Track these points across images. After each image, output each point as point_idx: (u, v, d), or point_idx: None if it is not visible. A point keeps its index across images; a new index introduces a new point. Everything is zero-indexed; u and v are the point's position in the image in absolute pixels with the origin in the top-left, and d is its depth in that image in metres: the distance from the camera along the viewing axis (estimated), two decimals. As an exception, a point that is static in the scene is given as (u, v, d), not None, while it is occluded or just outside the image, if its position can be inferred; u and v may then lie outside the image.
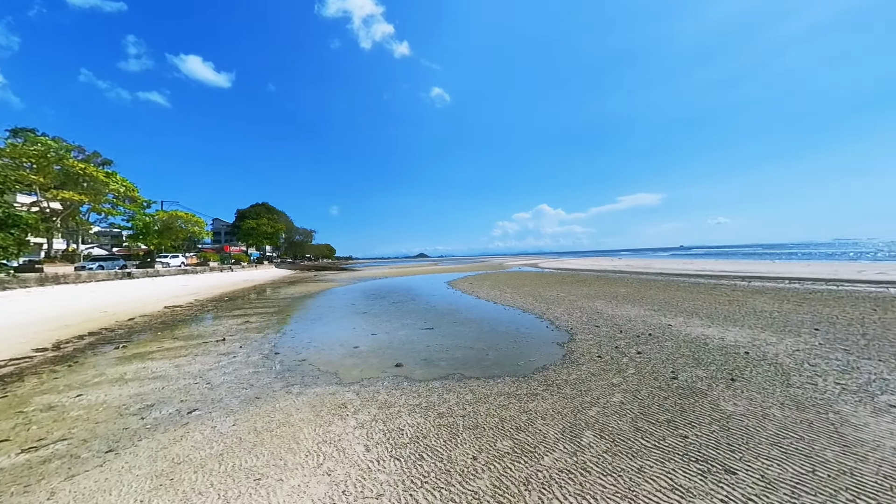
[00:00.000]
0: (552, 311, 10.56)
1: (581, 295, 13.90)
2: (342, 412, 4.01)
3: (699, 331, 7.23)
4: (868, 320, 7.58)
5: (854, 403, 3.69)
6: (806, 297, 11.12)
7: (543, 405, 3.99)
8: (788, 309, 9.23)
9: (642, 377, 4.76)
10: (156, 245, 31.31)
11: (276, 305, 14.33)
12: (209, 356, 6.69)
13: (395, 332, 8.50)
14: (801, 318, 8.01)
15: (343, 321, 10.19)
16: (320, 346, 7.29)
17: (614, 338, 6.99)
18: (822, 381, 4.31)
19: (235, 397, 4.59)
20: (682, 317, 8.74)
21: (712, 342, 6.34)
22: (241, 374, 5.53)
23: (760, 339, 6.37)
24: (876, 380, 4.30)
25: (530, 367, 5.51)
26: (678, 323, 8.03)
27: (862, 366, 4.80)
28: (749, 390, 4.14)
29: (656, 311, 9.59)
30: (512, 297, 14.01)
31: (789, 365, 4.95)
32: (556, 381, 4.74)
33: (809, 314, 8.47)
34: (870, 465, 2.67)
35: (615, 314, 9.51)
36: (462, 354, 6.37)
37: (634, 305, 10.82)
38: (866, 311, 8.65)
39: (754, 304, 10.12)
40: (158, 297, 16.67)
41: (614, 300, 12.12)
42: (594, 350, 6.20)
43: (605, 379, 4.75)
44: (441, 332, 8.36)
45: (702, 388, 4.26)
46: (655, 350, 6.00)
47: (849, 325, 7.28)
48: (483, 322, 9.39)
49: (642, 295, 13.20)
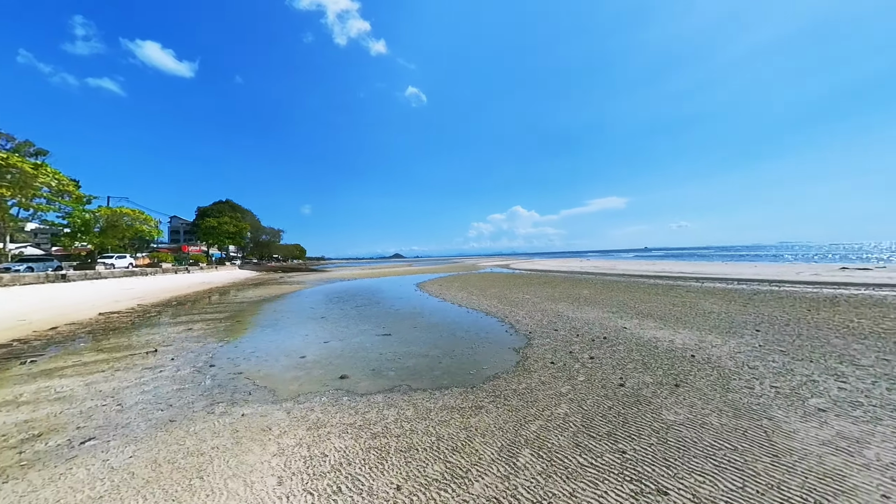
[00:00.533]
0: (515, 313, 10.50)
1: (545, 297, 14.01)
2: (265, 436, 3.60)
3: (651, 333, 7.35)
4: (803, 320, 8.04)
5: (786, 408, 3.74)
6: (751, 298, 11.75)
7: (486, 420, 3.77)
8: (735, 310, 9.67)
9: (591, 385, 4.67)
10: (97, 244, 28.62)
11: (228, 310, 13.38)
12: (131, 371, 5.98)
13: (350, 339, 8.06)
14: (744, 319, 8.37)
15: (297, 327, 9.59)
16: (263, 357, 6.74)
17: (570, 342, 6.95)
18: (759, 385, 4.39)
19: (145, 421, 4.04)
20: (638, 319, 8.91)
21: (662, 345, 6.43)
22: (161, 392, 4.93)
23: (707, 342, 6.54)
24: (807, 382, 4.44)
25: (482, 375, 5.30)
26: (633, 325, 8.16)
27: (795, 368, 4.97)
28: (691, 396, 4.14)
29: (614, 314, 9.75)
30: (478, 300, 13.89)
31: (730, 368, 5.05)
32: (504, 392, 4.55)
33: (752, 315, 8.89)
34: (796, 476, 2.63)
35: (575, 317, 9.57)
36: (414, 363, 6.07)
37: (595, 307, 10.98)
38: (802, 311, 9.21)
39: (704, 306, 10.55)
40: (95, 303, 15.13)
41: (576, 302, 12.27)
42: (549, 356, 6.10)
43: (553, 388, 4.61)
44: (398, 338, 8.02)
45: (647, 396, 4.21)
46: (608, 355, 5.99)
47: (786, 325, 7.67)
48: (444, 326, 9.14)
49: (604, 296, 13.49)
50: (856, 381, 4.39)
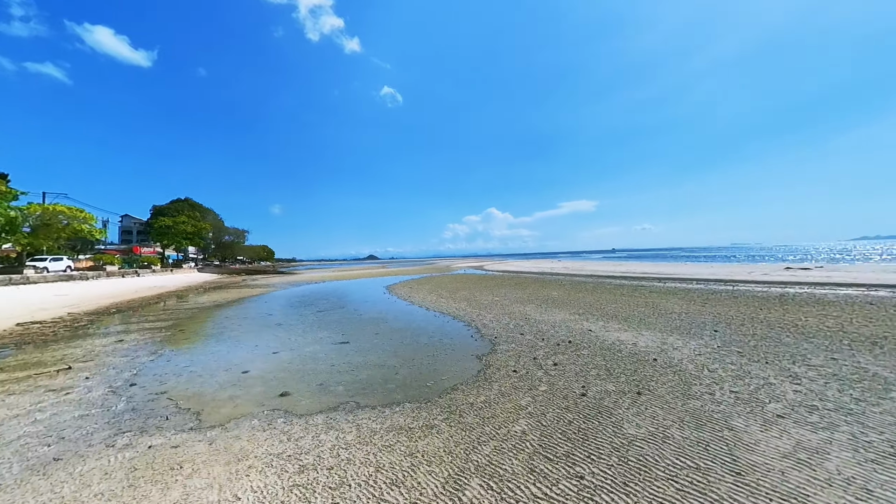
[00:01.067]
0: (483, 317, 10.21)
1: (515, 299, 13.87)
2: (170, 476, 3.00)
3: (616, 336, 7.27)
4: (756, 319, 8.29)
5: (746, 416, 3.62)
6: (708, 298, 12.16)
7: (436, 443, 3.37)
8: (694, 310, 9.89)
9: (552, 395, 4.39)
10: (24, 245, 25.60)
11: (173, 318, 12.19)
12: (31, 393, 5.08)
13: (303, 348, 7.42)
14: (703, 320, 8.52)
15: (247, 337, 8.78)
16: (198, 373, 5.99)
17: (535, 347, 6.71)
18: (719, 391, 4.28)
19: (21, 461, 3.30)
20: (603, 321, 8.87)
21: (626, 348, 6.32)
22: (56, 422, 4.14)
23: (668, 344, 6.50)
24: (764, 385, 4.39)
25: (440, 387, 4.90)
26: (598, 328, 8.08)
27: (752, 370, 4.95)
28: (653, 406, 3.94)
29: (580, 316, 9.69)
30: (447, 303, 13.52)
31: (691, 372, 4.96)
32: (460, 406, 4.17)
33: (710, 315, 9.10)
34: (761, 499, 2.42)
35: (542, 319, 9.41)
36: (368, 375, 5.57)
37: (562, 309, 10.91)
38: (754, 309, 9.56)
39: (666, 306, 10.75)
40: (13, 312, 13.34)
41: (544, 304, 12.19)
42: (512, 363, 5.80)
43: (513, 400, 4.29)
44: (357, 346, 7.48)
45: (609, 407, 3.98)
46: (572, 360, 5.78)
47: (741, 324, 7.86)
48: (407, 332, 8.67)
49: (571, 298, 13.53)
50: (809, 383, 4.39)
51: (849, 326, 7.28)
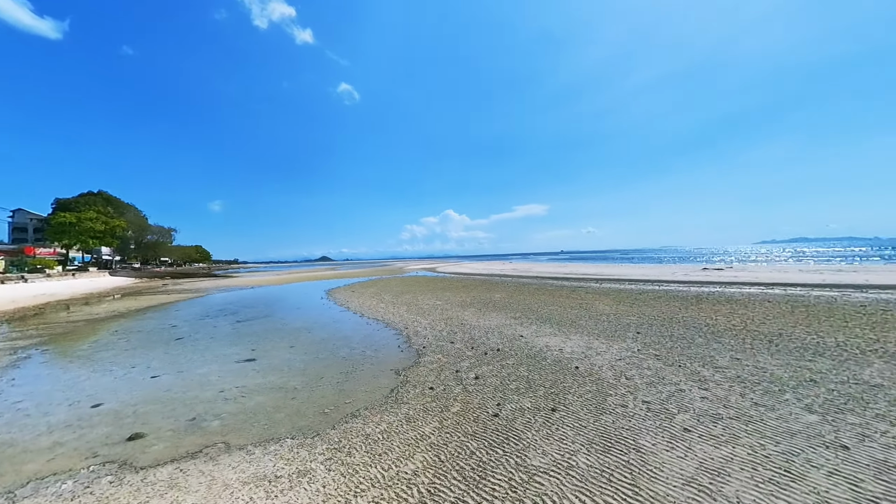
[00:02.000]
0: (418, 323, 9.63)
1: (457, 303, 13.50)
2: None
3: (545, 341, 7.09)
4: (674, 319, 8.67)
5: (654, 431, 3.41)
6: (637, 298, 12.76)
7: (300, 498, 2.68)
8: (623, 311, 10.20)
9: (463, 417, 3.91)
10: None
11: (49, 332, 10.00)
12: None
13: (195, 369, 6.26)
14: (628, 321, 8.74)
15: (127, 357, 7.30)
16: (26, 410, 4.65)
17: (462, 357, 6.26)
18: (632, 401, 4.11)
19: None
20: (536, 325, 8.74)
21: (551, 355, 6.10)
22: None
23: (593, 348, 6.42)
24: (675, 393, 4.31)
25: (339, 414, 4.20)
26: (530, 333, 7.88)
27: (666, 375, 4.92)
28: (565, 425, 3.62)
29: (516, 320, 9.51)
30: (385, 308, 12.75)
31: (609, 381, 4.79)
32: (352, 441, 3.51)
33: (636, 316, 9.40)
34: (658, 546, 2.09)
35: (477, 324, 9.07)
36: (259, 402, 4.69)
37: (500, 313, 10.71)
38: (674, 309, 10.09)
39: (598, 307, 11.02)
40: None
41: (485, 307, 11.95)
42: (431, 378, 5.27)
43: (417, 427, 3.73)
44: (262, 364, 6.48)
45: (518, 429, 3.58)
46: (495, 372, 5.40)
47: (662, 325, 8.14)
48: (329, 344, 7.81)
49: (513, 300, 13.48)
50: (715, 388, 4.40)
51: (751, 325, 7.82)
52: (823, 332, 6.89)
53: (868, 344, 6.08)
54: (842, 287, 14.03)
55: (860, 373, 4.73)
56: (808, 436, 3.21)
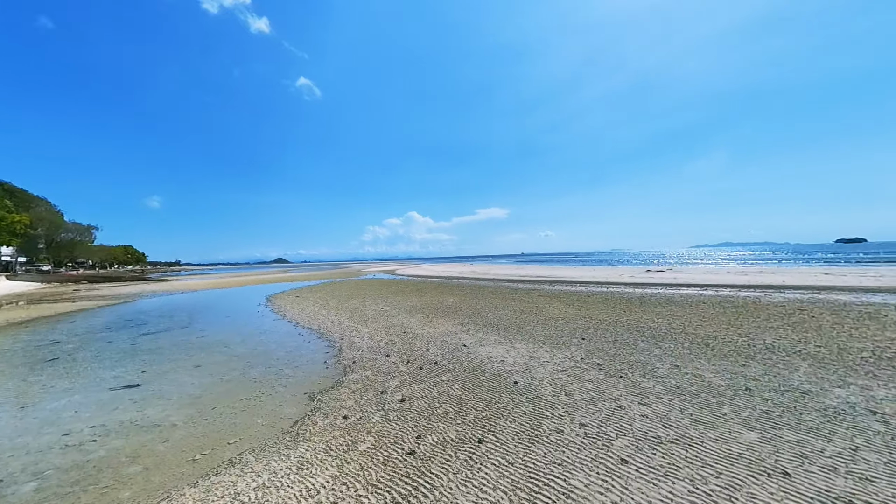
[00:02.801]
0: (357, 332, 8.74)
1: (406, 308, 12.73)
2: None
3: (488, 351, 6.58)
4: (619, 323, 8.61)
5: (589, 466, 2.93)
6: (586, 301, 12.84)
7: None
8: (570, 315, 10.06)
9: (370, 458, 3.19)
10: None
11: None
12: None
13: (47, 403, 4.92)
14: (576, 326, 8.54)
15: (-38, 387, 5.67)
16: None
17: (393, 374, 5.53)
18: (569, 425, 3.64)
19: None
20: (483, 332, 8.24)
21: (492, 368, 5.58)
22: None
23: (536, 358, 6.00)
24: (615, 411, 3.92)
25: (212, 462, 3.28)
26: (474, 342, 7.34)
27: (607, 389, 4.56)
28: (489, 463, 3.03)
29: (463, 327, 8.96)
30: (326, 315, 11.65)
31: (547, 399, 4.32)
32: (212, 505, 2.64)
33: (583, 319, 9.26)
34: None
35: (422, 333, 8.38)
36: (111, 450, 3.61)
37: (449, 319, 10.12)
38: (620, 312, 10.15)
39: (548, 311, 10.83)
40: None
41: (434, 313, 11.31)
42: (349, 403, 4.48)
43: (308, 478, 2.94)
44: (148, 390, 5.28)
45: (435, 472, 2.93)
46: (425, 391, 4.74)
47: (607, 329, 8.01)
48: (244, 361, 6.70)
49: (464, 305, 12.99)
50: (656, 402, 4.08)
51: (689, 327, 7.92)
52: (752, 334, 7.07)
53: (792, 345, 6.26)
54: (763, 287, 15.25)
55: (789, 377, 4.70)
56: (749, 461, 2.89)
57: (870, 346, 6.01)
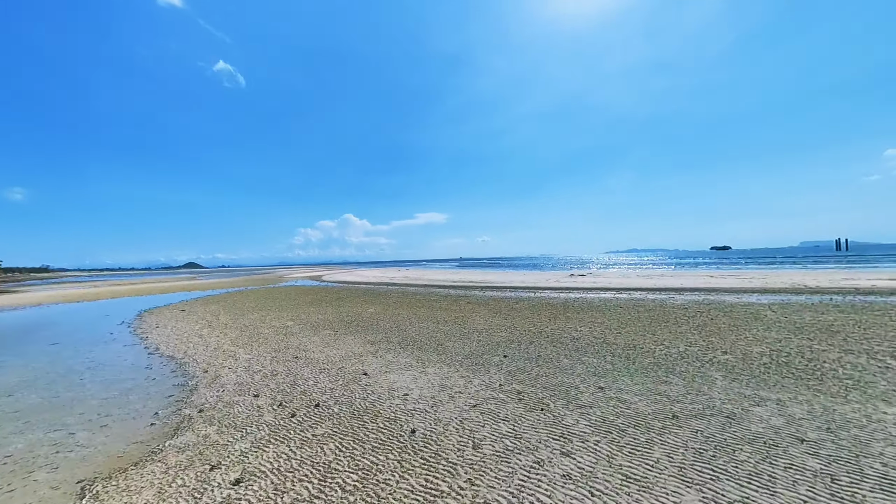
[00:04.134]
0: (234, 360, 6.82)
1: (314, 323, 10.89)
2: None
3: (392, 380, 5.34)
4: (544, 334, 8.08)
5: None
6: (512, 308, 12.40)
7: None
8: (495, 325, 9.34)
9: None
10: None
11: None
12: None
13: None
14: (500, 339, 7.77)
15: None
16: None
17: (247, 429, 3.96)
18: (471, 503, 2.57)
19: None
20: (394, 352, 6.99)
21: (390, 408, 4.35)
22: None
23: (448, 388, 4.94)
24: (533, 469, 2.98)
25: None
26: (379, 368, 6.04)
27: (525, 432, 3.64)
28: None
29: (373, 346, 7.60)
30: (205, 336, 9.28)
31: (450, 459, 3.22)
32: None
33: (507, 331, 8.57)
34: None
35: (317, 357, 6.81)
36: None
37: (359, 335, 8.65)
38: (545, 320, 9.75)
39: (473, 321, 10.02)
40: None
41: (346, 328, 9.72)
42: (144, 497, 2.85)
43: None
44: None
45: None
46: (282, 460, 3.30)
47: (530, 342, 7.36)
48: (25, 418, 4.45)
49: (384, 316, 11.59)
50: (581, 450, 3.25)
51: (609, 335, 7.67)
52: (667, 342, 6.99)
53: (703, 352, 6.19)
54: (666, 290, 16.63)
55: (710, 396, 4.32)
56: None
57: (766, 351, 6.18)
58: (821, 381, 4.73)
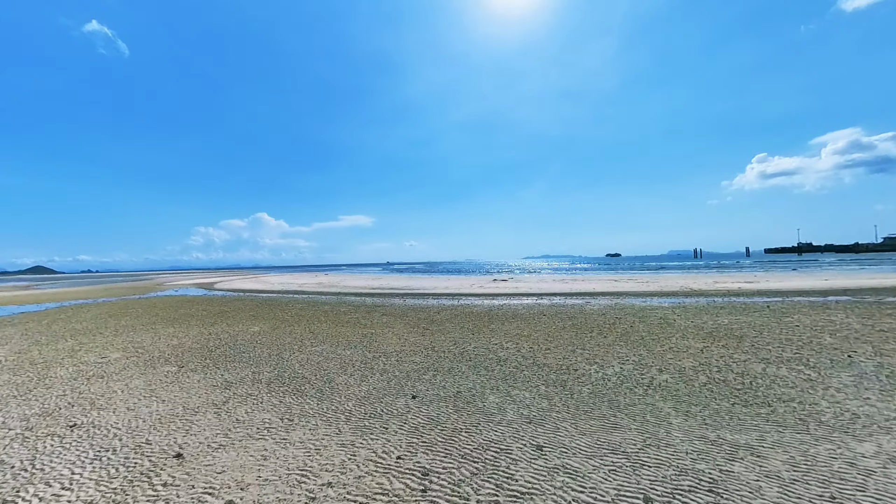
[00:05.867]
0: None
1: (151, 355, 7.78)
2: None
3: (217, 467, 3.22)
4: (465, 354, 6.68)
5: None
6: (432, 320, 10.88)
7: None
8: (410, 345, 7.65)
9: None
10: None
11: None
12: None
13: None
14: (411, 367, 6.09)
15: None
16: None
17: None
18: None
19: None
20: (251, 402, 4.75)
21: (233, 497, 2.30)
22: None
23: (309, 477, 3.06)
24: None
25: None
26: (208, 440, 3.80)
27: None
28: None
29: (225, 391, 5.21)
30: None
31: None
32: None
33: (423, 353, 6.95)
34: None
35: (111, 423, 4.22)
36: None
37: (213, 373, 6.11)
38: (466, 335, 8.41)
39: (384, 340, 8.18)
40: None
41: (198, 360, 6.98)
42: None
43: None
44: None
45: None
46: None
47: (449, 369, 5.85)
48: None
49: (269, 338, 8.98)
50: None
51: (538, 354, 6.62)
52: (599, 359, 6.16)
53: (639, 371, 5.42)
54: (581, 295, 17.07)
55: (677, 450, 3.26)
56: None
57: (696, 365, 5.70)
58: (770, 407, 4.14)
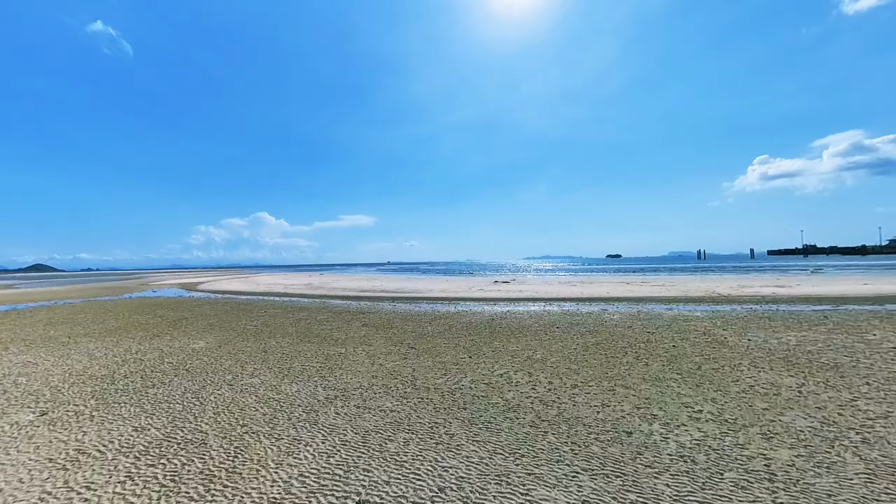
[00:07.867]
0: None
1: (38, 389, 5.85)
2: None
3: None
4: (455, 395, 4.72)
5: None
6: (421, 335, 8.92)
7: None
8: (384, 374, 5.67)
9: None
10: None
11: None
12: None
13: None
14: (374, 421, 4.13)
15: None
16: None
17: None
18: None
19: None
20: (115, 486, 2.82)
21: None
22: None
23: None
24: None
25: None
26: None
27: None
28: None
29: (100, 452, 3.27)
30: None
31: None
32: None
33: (395, 393, 4.98)
34: None
35: None
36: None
37: (103, 426, 4.16)
38: (460, 358, 6.44)
39: (353, 362, 6.21)
40: None
41: (95, 401, 5.03)
42: None
43: None
44: None
45: None
46: None
47: (430, 432, 3.89)
48: None
49: (207, 359, 7.02)
50: None
51: (564, 393, 4.65)
52: (657, 409, 4.17)
53: (733, 439, 3.45)
54: (595, 300, 15.06)
55: None
56: None
57: (816, 425, 3.70)
58: None
